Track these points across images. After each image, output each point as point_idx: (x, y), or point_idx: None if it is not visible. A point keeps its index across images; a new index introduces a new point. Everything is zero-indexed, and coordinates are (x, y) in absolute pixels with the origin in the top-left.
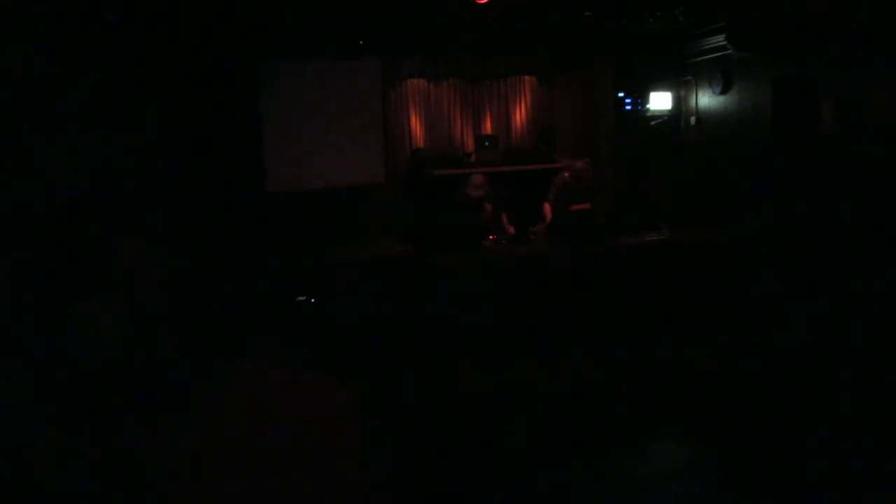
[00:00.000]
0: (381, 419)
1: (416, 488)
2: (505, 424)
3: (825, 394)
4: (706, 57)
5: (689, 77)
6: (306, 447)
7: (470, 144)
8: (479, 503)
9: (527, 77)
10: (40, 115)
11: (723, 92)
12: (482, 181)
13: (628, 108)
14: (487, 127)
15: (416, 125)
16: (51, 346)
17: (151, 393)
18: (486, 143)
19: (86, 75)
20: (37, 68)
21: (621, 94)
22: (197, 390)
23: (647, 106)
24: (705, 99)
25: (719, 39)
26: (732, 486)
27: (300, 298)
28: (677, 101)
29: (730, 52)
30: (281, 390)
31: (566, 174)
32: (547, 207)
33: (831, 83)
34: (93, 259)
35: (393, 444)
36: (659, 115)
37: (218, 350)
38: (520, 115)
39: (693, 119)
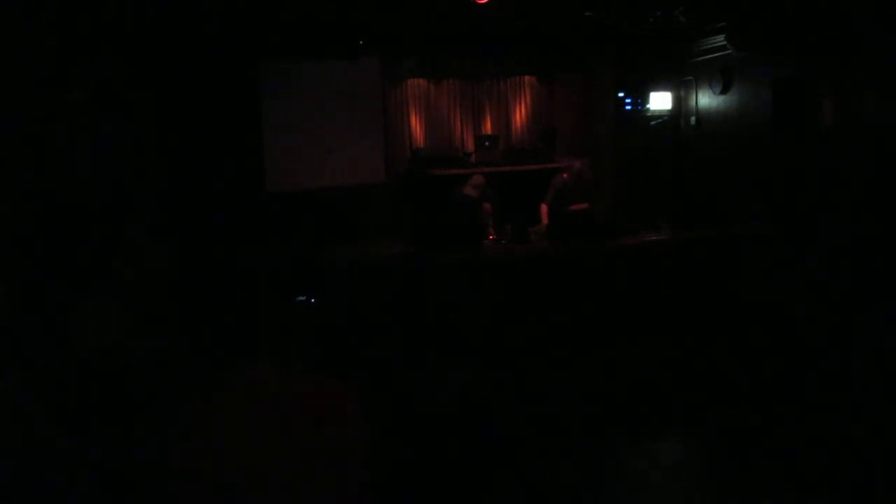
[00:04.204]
0: (381, 418)
1: (419, 487)
2: (506, 424)
3: (825, 393)
4: (706, 57)
5: (689, 77)
6: (306, 447)
7: (470, 144)
8: (480, 502)
9: (527, 77)
10: (40, 114)
11: (723, 92)
12: (481, 181)
13: (628, 108)
14: (487, 127)
15: (416, 125)
16: (50, 345)
17: (151, 393)
18: (486, 143)
19: (85, 75)
20: (37, 68)
21: (621, 94)
22: (197, 390)
23: (647, 106)
24: (705, 99)
25: (719, 39)
26: (730, 484)
27: (300, 298)
28: (677, 101)
29: (730, 52)
30: (280, 390)
31: (565, 175)
32: (544, 209)
33: (831, 83)
34: (92, 258)
35: (394, 443)
36: (659, 115)
37: (217, 350)
38: (520, 115)
39: (693, 119)
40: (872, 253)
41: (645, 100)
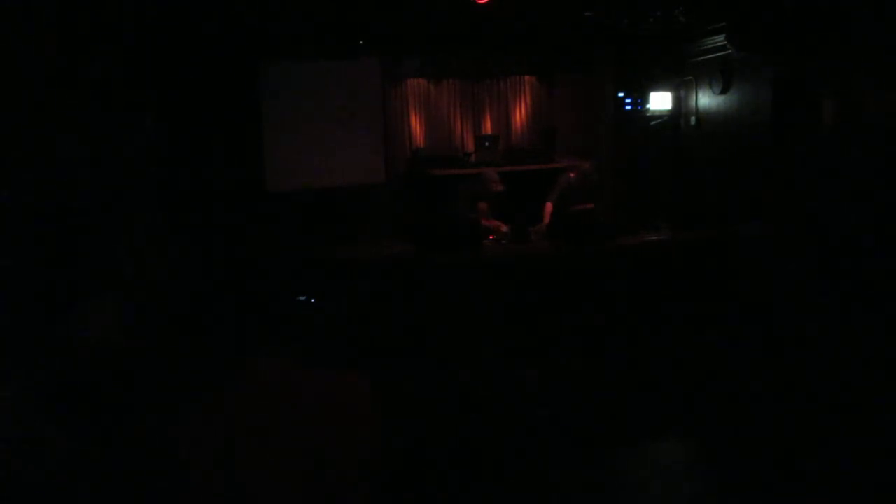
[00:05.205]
0: (380, 418)
1: (418, 486)
2: (506, 424)
3: (824, 394)
4: (706, 57)
5: (689, 77)
6: (306, 446)
7: (470, 144)
8: (480, 502)
9: (527, 77)
10: (40, 114)
11: (723, 92)
12: (498, 176)
13: (628, 108)
14: (487, 127)
15: (416, 125)
16: (51, 347)
17: (152, 393)
18: (486, 143)
19: (86, 75)
20: (37, 68)
21: (621, 94)
22: (197, 390)
23: (647, 106)
24: (705, 99)
25: (719, 39)
26: (730, 484)
27: (300, 298)
28: (677, 101)
29: (730, 52)
30: (280, 389)
31: (571, 174)
32: (548, 207)
33: (831, 83)
34: (93, 259)
35: (394, 442)
36: (659, 115)
37: (217, 350)
38: (520, 115)
39: (693, 119)
40: (873, 253)
41: (645, 100)
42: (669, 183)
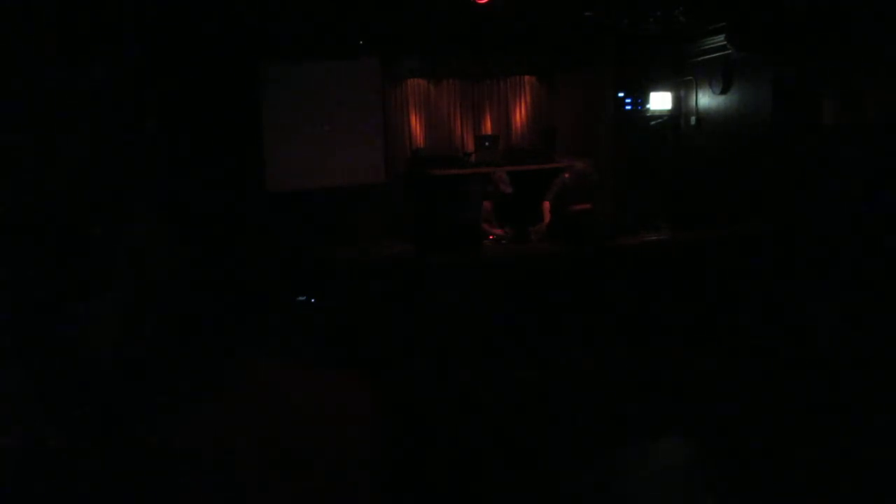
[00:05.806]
0: (380, 418)
1: (417, 486)
2: (506, 424)
3: (824, 393)
4: (706, 57)
5: (689, 77)
6: (306, 446)
7: (470, 144)
8: (480, 502)
9: (527, 77)
10: (39, 114)
11: (723, 92)
12: (508, 178)
13: (628, 108)
14: (487, 127)
15: (416, 125)
16: (50, 347)
17: (152, 393)
18: (486, 143)
19: (85, 75)
20: (36, 68)
21: (621, 94)
22: (197, 390)
23: (647, 106)
24: (705, 99)
25: (719, 39)
26: (730, 485)
27: (300, 298)
28: (677, 101)
29: (730, 52)
30: (280, 390)
31: (566, 175)
32: (546, 207)
33: (831, 83)
34: (93, 259)
35: (394, 442)
36: (659, 115)
37: (217, 350)
38: (520, 115)
39: (693, 119)
40: (873, 252)
41: (645, 100)
42: (669, 183)
